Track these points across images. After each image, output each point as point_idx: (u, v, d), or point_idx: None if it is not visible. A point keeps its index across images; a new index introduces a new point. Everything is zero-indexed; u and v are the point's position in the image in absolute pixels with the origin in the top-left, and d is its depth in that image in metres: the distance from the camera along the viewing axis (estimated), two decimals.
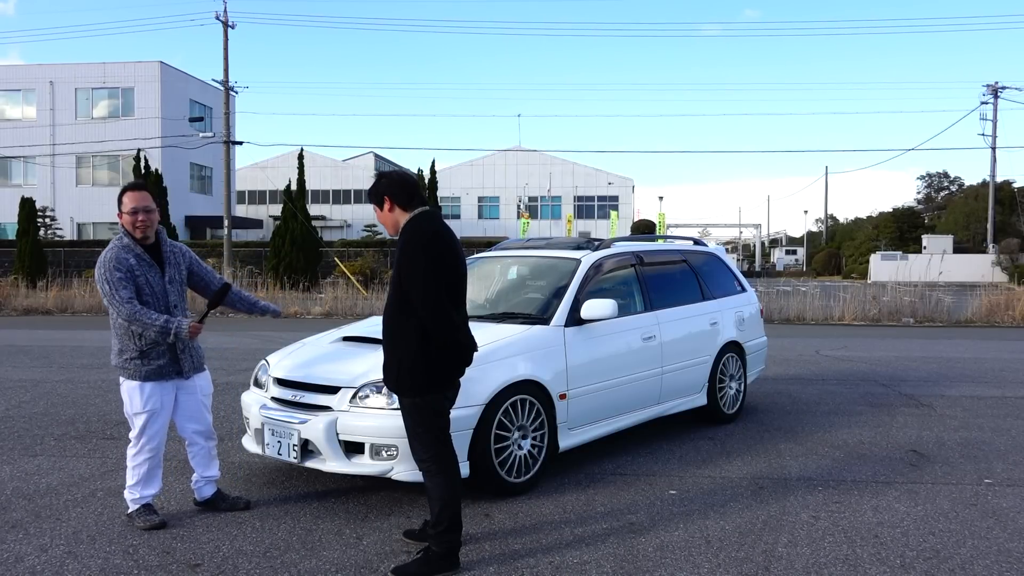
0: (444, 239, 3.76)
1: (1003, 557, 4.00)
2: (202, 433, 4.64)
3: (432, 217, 3.83)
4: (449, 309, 3.70)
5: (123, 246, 4.36)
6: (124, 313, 4.23)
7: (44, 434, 6.58)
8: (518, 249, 6.79)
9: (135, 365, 4.36)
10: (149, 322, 4.23)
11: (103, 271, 4.30)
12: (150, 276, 4.37)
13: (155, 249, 4.46)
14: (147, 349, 4.34)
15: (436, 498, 3.78)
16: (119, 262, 4.29)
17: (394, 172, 3.94)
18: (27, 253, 27.82)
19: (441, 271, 3.68)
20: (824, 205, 72.63)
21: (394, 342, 3.78)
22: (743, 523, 4.47)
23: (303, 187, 29.27)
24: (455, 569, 3.80)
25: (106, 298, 4.30)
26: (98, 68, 40.76)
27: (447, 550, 3.78)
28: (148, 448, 4.44)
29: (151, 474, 4.48)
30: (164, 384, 4.43)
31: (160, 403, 4.42)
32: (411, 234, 3.73)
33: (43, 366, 10.48)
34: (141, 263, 4.36)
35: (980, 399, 8.17)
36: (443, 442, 3.83)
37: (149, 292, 4.35)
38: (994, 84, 42.84)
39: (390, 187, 3.84)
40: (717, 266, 7.44)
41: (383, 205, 3.84)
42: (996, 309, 17.71)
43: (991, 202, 44.28)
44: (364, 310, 18.60)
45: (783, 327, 16.27)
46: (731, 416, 6.99)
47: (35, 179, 41.02)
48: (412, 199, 3.82)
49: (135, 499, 4.47)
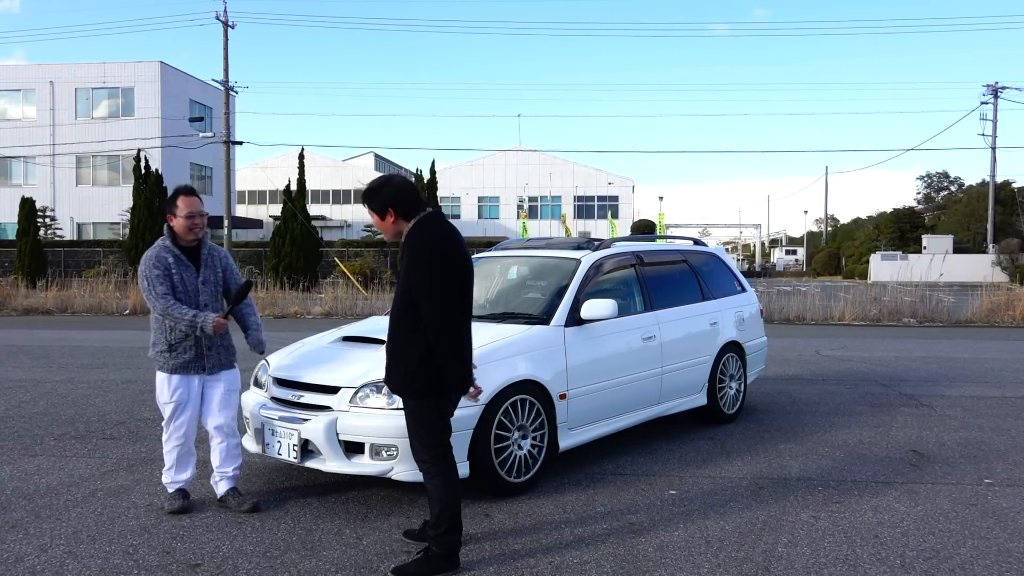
0: (450, 242, 3.70)
1: (1003, 557, 4.00)
2: (221, 429, 4.77)
3: (436, 219, 3.77)
4: (457, 322, 3.65)
5: (164, 246, 4.66)
6: (159, 307, 4.55)
7: (44, 434, 6.58)
8: (518, 249, 6.78)
9: (164, 358, 4.64)
10: (179, 316, 4.52)
11: (144, 268, 4.62)
12: (185, 275, 4.65)
13: (194, 251, 4.72)
14: (175, 343, 4.62)
15: (436, 499, 3.78)
16: (159, 260, 4.61)
17: (395, 178, 3.85)
18: (27, 253, 27.81)
19: (449, 276, 3.63)
20: (824, 205, 72.72)
21: (400, 348, 3.74)
22: (743, 523, 4.47)
23: (303, 187, 29.27)
24: (455, 569, 3.80)
25: (144, 293, 4.61)
26: (98, 68, 40.75)
27: (447, 551, 3.78)
28: (176, 436, 4.69)
29: (181, 461, 4.73)
30: (190, 378, 4.67)
31: (186, 395, 4.66)
32: (417, 242, 3.67)
33: (43, 366, 10.48)
34: (179, 263, 4.65)
35: (980, 399, 8.17)
36: (443, 444, 3.82)
37: (182, 290, 4.63)
38: (994, 84, 42.86)
39: (395, 199, 3.73)
40: (717, 266, 7.44)
41: (386, 216, 3.75)
42: (996, 309, 17.71)
43: (991, 202, 44.28)
44: (364, 310, 18.59)
45: (783, 327, 16.27)
46: (731, 416, 6.98)
47: (35, 179, 41.02)
48: (416, 207, 3.76)
49: (168, 483, 4.74)
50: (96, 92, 40.92)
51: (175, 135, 38.50)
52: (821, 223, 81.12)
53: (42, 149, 40.32)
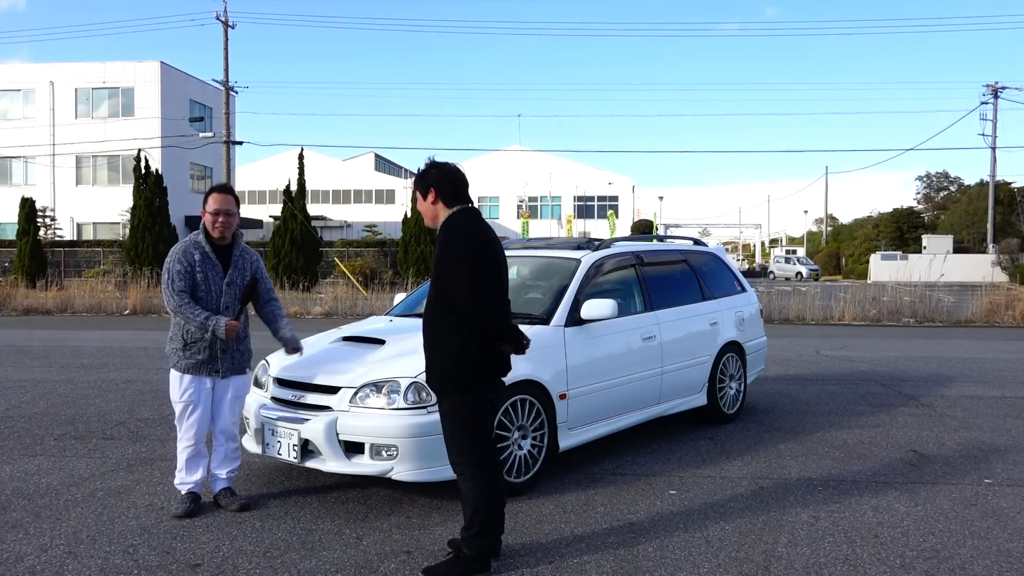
0: (486, 234, 3.77)
1: (1003, 557, 4.00)
2: (224, 433, 4.79)
3: (474, 213, 3.82)
4: (496, 302, 3.70)
5: (194, 242, 4.64)
6: (172, 303, 4.53)
7: (44, 434, 6.58)
8: (518, 249, 6.78)
9: (178, 356, 4.61)
10: (191, 316, 4.50)
11: (170, 261, 4.59)
12: (210, 274, 4.60)
13: (226, 250, 4.68)
14: (190, 343, 4.58)
15: (468, 502, 3.75)
16: (185, 255, 4.58)
17: (447, 164, 3.91)
18: (27, 253, 27.80)
19: (486, 264, 3.67)
20: (824, 205, 72.76)
21: (436, 341, 3.74)
22: (743, 523, 4.47)
23: (303, 187, 29.26)
24: (486, 573, 3.75)
25: (163, 285, 4.59)
26: (98, 68, 40.73)
27: (479, 553, 3.73)
28: (187, 437, 4.65)
29: (192, 462, 4.69)
30: (202, 379, 4.63)
31: (197, 396, 4.63)
32: (453, 231, 3.71)
33: (43, 366, 10.48)
34: (205, 261, 4.60)
35: (980, 399, 8.16)
36: (479, 447, 3.74)
37: (204, 289, 4.58)
38: (994, 84, 42.89)
39: (439, 180, 3.81)
40: (717, 266, 7.44)
41: (427, 195, 3.82)
42: (996, 309, 17.71)
43: (991, 202, 44.29)
44: (364, 310, 18.58)
45: (783, 327, 16.27)
46: (731, 416, 6.98)
47: (35, 179, 41.00)
48: (458, 196, 3.81)
49: (179, 483, 4.71)
50: (96, 92, 40.89)
51: (175, 135, 38.48)
52: (821, 223, 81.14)
53: (42, 149, 40.31)
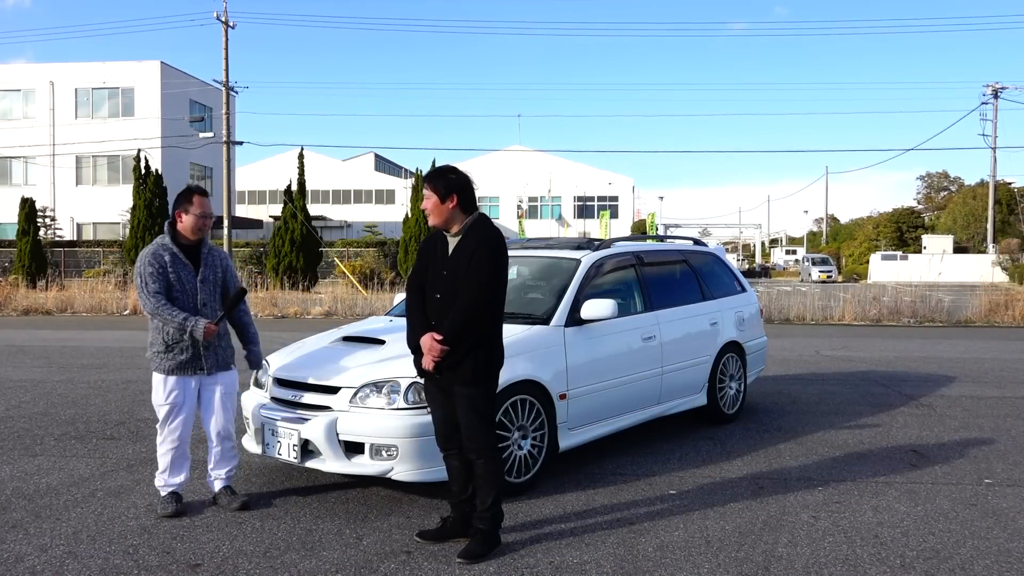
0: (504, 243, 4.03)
1: (1003, 557, 4.00)
2: (218, 432, 4.76)
3: (491, 222, 4.06)
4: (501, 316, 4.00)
5: (162, 244, 4.60)
6: (149, 306, 4.49)
7: (44, 434, 6.58)
8: (518, 249, 6.78)
9: (160, 358, 4.58)
10: (169, 317, 4.47)
11: (140, 265, 4.56)
12: (183, 274, 4.58)
13: (194, 249, 4.66)
14: (171, 344, 4.55)
15: (488, 483, 3.97)
16: (155, 257, 4.54)
17: (462, 171, 4.08)
18: (27, 253, 27.83)
19: (504, 274, 3.95)
20: (824, 205, 72.81)
21: (474, 331, 3.87)
22: (743, 523, 4.47)
23: (303, 187, 29.28)
24: (499, 542, 4.06)
25: (138, 290, 4.55)
26: (98, 68, 40.74)
27: (493, 526, 4.01)
28: (171, 439, 4.61)
29: (176, 463, 4.66)
30: (187, 379, 4.61)
31: (182, 398, 4.61)
32: (490, 236, 3.92)
33: (43, 366, 10.48)
34: (175, 261, 4.57)
35: (980, 399, 8.17)
36: (495, 431, 4.11)
37: (180, 289, 4.57)
38: (994, 84, 42.90)
39: (461, 186, 3.97)
40: (717, 266, 7.45)
41: (447, 199, 3.94)
42: (996, 309, 17.70)
43: (991, 202, 44.29)
44: (364, 310, 18.58)
45: (783, 327, 16.27)
46: (731, 416, 6.98)
47: (35, 179, 41.00)
48: (474, 204, 4.03)
49: (162, 485, 4.68)
50: (96, 92, 40.90)
51: (175, 135, 38.49)
52: (821, 223, 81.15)
53: (42, 149, 40.32)
